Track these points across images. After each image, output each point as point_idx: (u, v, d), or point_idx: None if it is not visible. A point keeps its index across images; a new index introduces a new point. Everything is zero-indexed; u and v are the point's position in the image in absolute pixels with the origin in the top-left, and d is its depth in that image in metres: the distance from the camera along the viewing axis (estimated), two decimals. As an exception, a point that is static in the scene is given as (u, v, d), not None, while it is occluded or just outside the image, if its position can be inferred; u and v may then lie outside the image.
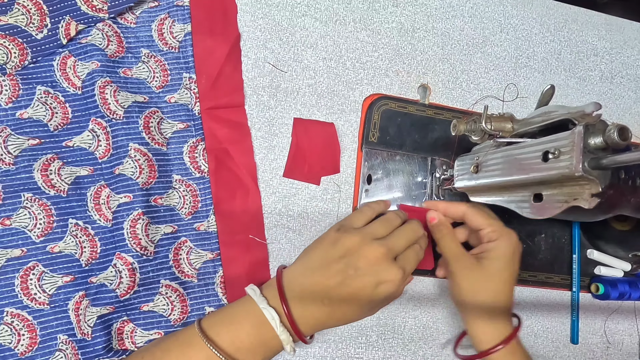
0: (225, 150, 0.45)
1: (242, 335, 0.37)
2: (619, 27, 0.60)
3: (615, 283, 0.53)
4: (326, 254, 0.39)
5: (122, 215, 0.41)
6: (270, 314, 0.37)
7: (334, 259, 0.38)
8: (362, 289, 0.38)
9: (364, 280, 0.37)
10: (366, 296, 0.38)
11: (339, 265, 0.38)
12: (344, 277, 0.37)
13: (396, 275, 0.38)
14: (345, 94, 0.50)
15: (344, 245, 0.38)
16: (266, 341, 0.37)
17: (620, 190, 0.34)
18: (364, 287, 0.38)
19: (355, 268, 0.38)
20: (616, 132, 0.31)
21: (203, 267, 0.44)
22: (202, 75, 0.45)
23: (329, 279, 0.38)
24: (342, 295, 0.38)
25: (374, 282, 0.38)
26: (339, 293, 0.38)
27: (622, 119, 0.59)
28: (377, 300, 0.39)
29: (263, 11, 0.48)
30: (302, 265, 0.40)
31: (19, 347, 0.38)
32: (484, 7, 0.55)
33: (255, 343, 0.37)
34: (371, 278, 0.37)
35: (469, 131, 0.42)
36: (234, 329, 0.37)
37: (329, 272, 0.38)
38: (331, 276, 0.38)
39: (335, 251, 0.39)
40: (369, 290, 0.38)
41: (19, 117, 0.42)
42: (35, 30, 0.42)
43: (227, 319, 0.38)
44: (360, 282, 0.37)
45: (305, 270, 0.39)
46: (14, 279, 0.39)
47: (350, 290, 0.38)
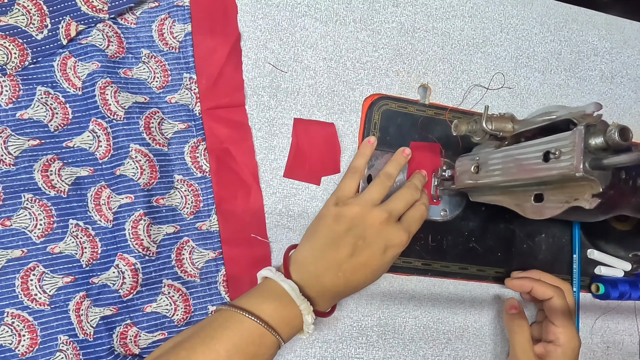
0: (226, 150, 0.45)
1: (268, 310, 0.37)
2: (619, 27, 0.60)
3: (616, 283, 0.53)
4: (332, 231, 0.40)
5: (124, 216, 0.41)
6: (290, 285, 0.38)
7: (340, 233, 0.40)
8: (372, 256, 0.40)
9: (373, 248, 0.40)
10: (376, 261, 0.40)
11: (347, 239, 0.39)
12: (354, 249, 0.39)
13: (402, 238, 0.40)
14: (345, 94, 0.50)
15: (346, 218, 0.40)
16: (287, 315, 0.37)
17: (620, 190, 0.34)
18: (373, 254, 0.40)
19: (363, 238, 0.39)
20: (617, 133, 0.31)
21: (205, 267, 0.44)
22: (202, 76, 0.45)
23: (340, 252, 0.39)
24: (355, 265, 0.39)
25: (382, 247, 0.40)
26: (352, 264, 0.39)
27: (622, 119, 0.59)
28: (387, 263, 0.41)
29: (263, 11, 0.48)
30: (310, 245, 0.41)
31: (20, 347, 0.38)
32: (484, 7, 0.55)
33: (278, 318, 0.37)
34: (379, 244, 0.40)
35: (470, 131, 0.42)
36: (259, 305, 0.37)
37: (338, 246, 0.39)
38: (341, 250, 0.39)
39: (340, 226, 0.40)
40: (378, 255, 0.40)
41: (20, 118, 0.42)
42: (35, 31, 0.42)
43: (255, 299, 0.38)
44: (369, 250, 0.40)
45: (315, 250, 0.40)
46: (14, 279, 0.39)
47: (361, 259, 0.39)
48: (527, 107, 0.55)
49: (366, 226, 0.40)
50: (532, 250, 0.52)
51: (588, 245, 0.54)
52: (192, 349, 0.34)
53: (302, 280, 0.39)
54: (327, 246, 0.40)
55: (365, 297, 0.48)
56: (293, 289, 0.38)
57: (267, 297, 0.38)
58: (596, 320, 0.54)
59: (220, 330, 0.35)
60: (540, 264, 0.52)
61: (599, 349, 0.54)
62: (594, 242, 0.54)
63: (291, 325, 0.38)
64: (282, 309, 0.37)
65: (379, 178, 0.44)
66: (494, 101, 0.54)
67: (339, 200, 0.42)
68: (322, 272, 0.39)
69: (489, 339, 0.51)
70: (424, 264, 0.49)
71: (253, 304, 0.37)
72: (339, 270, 0.39)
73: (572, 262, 0.53)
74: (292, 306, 0.37)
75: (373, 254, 0.40)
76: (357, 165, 0.45)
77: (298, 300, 0.37)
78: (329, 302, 0.41)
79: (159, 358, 0.35)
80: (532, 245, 0.53)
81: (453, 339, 0.50)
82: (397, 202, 0.42)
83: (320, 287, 0.39)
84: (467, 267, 0.50)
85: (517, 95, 0.55)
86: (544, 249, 0.53)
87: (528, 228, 0.52)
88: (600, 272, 0.54)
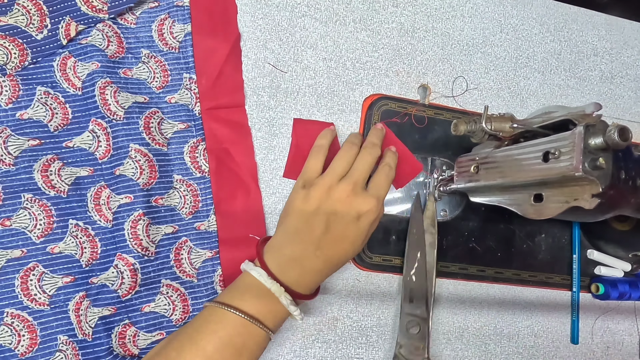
0: (225, 150, 0.45)
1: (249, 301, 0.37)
2: (619, 27, 0.60)
3: (616, 283, 0.53)
4: (302, 213, 0.40)
5: (123, 216, 0.41)
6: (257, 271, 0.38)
7: (311, 213, 0.40)
8: (346, 228, 0.40)
9: (346, 219, 0.40)
10: (352, 232, 0.40)
11: (319, 217, 0.40)
12: (327, 225, 0.39)
13: (371, 204, 0.40)
14: (345, 94, 0.50)
15: (314, 198, 0.40)
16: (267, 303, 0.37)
17: (620, 190, 0.34)
18: (347, 226, 0.40)
19: (334, 213, 0.40)
20: (616, 133, 0.31)
21: (202, 267, 0.44)
22: (202, 76, 0.45)
23: (314, 232, 0.39)
24: (331, 241, 0.39)
25: (354, 217, 0.40)
26: (327, 240, 0.39)
27: (622, 119, 0.59)
28: (363, 231, 0.41)
29: (263, 11, 0.48)
30: (284, 230, 0.41)
31: (19, 347, 0.38)
32: (484, 7, 0.55)
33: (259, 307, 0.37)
34: (351, 215, 0.40)
35: (470, 132, 0.42)
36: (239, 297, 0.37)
37: (311, 226, 0.39)
38: (315, 229, 0.39)
39: (309, 206, 0.40)
40: (352, 226, 0.40)
41: (19, 118, 0.42)
42: (35, 31, 0.42)
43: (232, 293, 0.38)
44: (342, 223, 0.40)
45: (288, 234, 0.40)
46: (14, 279, 0.39)
47: (337, 234, 0.40)
48: (527, 107, 0.55)
49: (334, 201, 0.40)
50: (532, 250, 0.52)
51: (588, 245, 0.54)
52: (180, 347, 0.35)
53: (279, 265, 0.39)
54: (300, 228, 0.40)
55: (365, 297, 0.48)
56: (260, 274, 0.38)
57: (245, 289, 0.38)
58: (596, 320, 0.54)
59: (204, 325, 0.36)
60: (540, 264, 0.52)
61: (599, 349, 0.54)
62: (594, 242, 0.54)
63: (274, 312, 0.38)
64: (261, 298, 0.37)
65: (341, 149, 0.43)
66: (493, 101, 0.54)
67: (305, 182, 0.42)
68: (300, 254, 0.39)
69: (489, 339, 0.51)
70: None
71: (233, 296, 0.37)
72: (317, 249, 0.39)
73: (572, 262, 0.53)
74: (269, 293, 0.37)
75: (347, 226, 0.40)
76: (320, 144, 0.44)
77: (267, 284, 0.37)
78: (311, 284, 0.40)
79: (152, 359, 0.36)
80: (532, 245, 0.52)
81: (453, 339, 0.50)
82: (359, 169, 0.42)
83: (300, 269, 0.39)
84: (467, 267, 0.50)
85: (517, 95, 0.55)
86: (544, 249, 0.53)
87: (528, 228, 0.52)
88: (600, 273, 0.54)
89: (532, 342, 0.52)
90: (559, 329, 0.53)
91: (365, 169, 0.42)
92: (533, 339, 0.52)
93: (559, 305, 0.54)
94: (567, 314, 0.53)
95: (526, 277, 0.52)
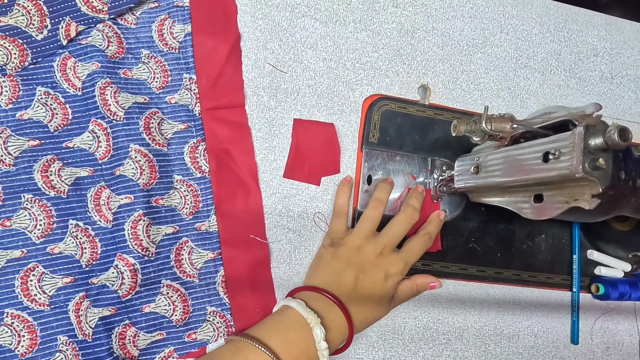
0: (226, 150, 0.45)
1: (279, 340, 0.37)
2: (619, 27, 0.60)
3: (616, 283, 0.53)
4: (332, 269, 0.41)
5: (123, 217, 0.41)
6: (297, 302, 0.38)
7: (341, 270, 0.41)
8: (374, 287, 0.41)
9: (374, 279, 0.41)
10: (379, 291, 0.41)
11: (348, 274, 0.40)
12: (356, 282, 0.40)
13: (399, 267, 0.41)
14: (345, 94, 0.50)
15: (344, 256, 0.41)
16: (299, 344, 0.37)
17: (620, 191, 0.34)
18: (375, 284, 0.41)
19: (363, 271, 0.40)
20: (616, 133, 0.31)
21: (204, 267, 0.44)
22: (202, 76, 0.45)
23: (344, 286, 0.40)
24: (359, 297, 0.40)
25: (382, 277, 0.41)
26: (356, 296, 0.40)
27: (622, 120, 0.59)
28: (389, 291, 0.42)
29: (263, 12, 0.48)
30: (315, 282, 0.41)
31: (19, 348, 0.38)
32: (484, 7, 0.55)
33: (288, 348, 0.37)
34: (379, 275, 0.41)
35: (469, 132, 0.42)
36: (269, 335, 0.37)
37: (340, 282, 0.40)
38: (345, 284, 0.40)
39: (339, 264, 0.41)
40: (380, 285, 0.41)
41: (19, 118, 0.42)
42: (35, 31, 0.42)
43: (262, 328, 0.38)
44: (370, 281, 0.41)
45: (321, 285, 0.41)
46: (14, 280, 0.39)
47: (365, 291, 0.40)
48: (527, 107, 0.55)
49: (363, 261, 0.41)
50: (532, 250, 0.52)
51: (588, 245, 0.54)
52: None
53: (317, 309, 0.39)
54: (331, 282, 0.41)
55: (365, 298, 0.48)
56: (299, 303, 0.38)
57: (278, 326, 0.38)
58: (596, 320, 0.54)
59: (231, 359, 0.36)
60: (540, 264, 0.52)
61: (599, 349, 0.54)
62: (594, 243, 0.54)
63: (303, 354, 0.37)
64: (293, 337, 0.37)
65: (368, 208, 0.44)
66: (493, 101, 0.54)
67: (333, 241, 0.43)
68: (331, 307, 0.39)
69: (489, 339, 0.51)
70: (424, 265, 0.49)
71: (264, 333, 0.37)
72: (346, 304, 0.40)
73: (572, 263, 0.53)
74: (302, 332, 0.37)
75: (374, 284, 0.41)
76: (341, 204, 0.46)
77: (304, 313, 0.37)
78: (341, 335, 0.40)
79: None
80: (532, 246, 0.52)
81: (453, 339, 0.50)
82: (391, 235, 0.42)
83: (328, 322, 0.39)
84: (467, 267, 0.50)
85: (517, 96, 0.55)
86: (544, 250, 0.53)
87: (528, 228, 0.52)
88: (600, 273, 0.54)
89: (532, 343, 0.52)
90: (559, 329, 0.53)
91: (398, 235, 0.43)
92: (533, 339, 0.52)
93: (559, 305, 0.54)
94: (567, 314, 0.53)
95: (526, 278, 0.52)
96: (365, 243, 0.41)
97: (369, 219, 0.43)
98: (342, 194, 0.46)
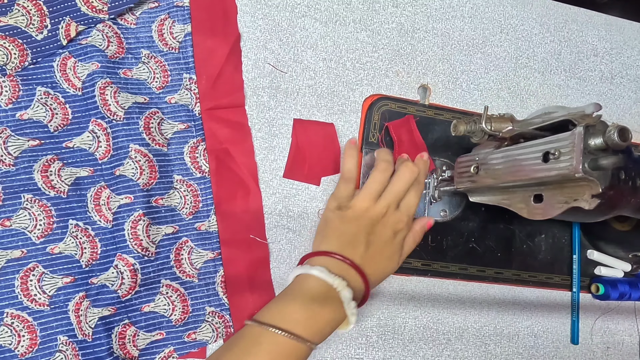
0: (226, 150, 0.45)
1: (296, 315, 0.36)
2: (619, 27, 0.60)
3: (616, 283, 0.53)
4: (343, 232, 0.41)
5: (123, 216, 0.41)
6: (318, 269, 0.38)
7: (352, 233, 0.41)
8: (385, 246, 0.41)
9: (384, 237, 0.41)
10: (389, 248, 0.42)
11: (360, 237, 0.41)
12: (368, 243, 0.41)
13: (403, 222, 0.42)
14: (345, 94, 0.50)
15: (352, 219, 0.41)
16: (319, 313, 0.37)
17: (620, 191, 0.34)
18: (386, 243, 0.42)
19: (373, 231, 0.41)
20: (616, 133, 0.31)
21: (204, 267, 0.44)
22: (202, 76, 0.45)
23: (357, 250, 0.40)
24: (370, 258, 0.41)
25: (391, 234, 0.42)
26: (367, 258, 0.40)
27: (622, 120, 0.59)
28: (398, 246, 0.42)
29: (263, 12, 0.48)
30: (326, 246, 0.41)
31: (19, 348, 0.38)
32: (484, 7, 0.55)
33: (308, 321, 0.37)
34: (388, 232, 0.41)
35: (469, 132, 0.42)
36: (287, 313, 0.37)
37: (354, 245, 0.40)
38: (358, 247, 0.40)
39: (349, 227, 0.41)
40: (389, 242, 0.42)
41: (19, 118, 0.42)
42: (35, 31, 0.42)
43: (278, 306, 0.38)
44: (382, 240, 0.41)
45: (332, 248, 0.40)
46: (14, 280, 0.39)
47: (376, 252, 0.41)
48: (526, 108, 0.55)
49: (373, 222, 0.41)
50: (531, 250, 0.52)
51: (588, 245, 0.54)
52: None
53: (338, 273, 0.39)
54: (343, 246, 0.40)
55: (365, 298, 0.48)
56: (321, 271, 0.38)
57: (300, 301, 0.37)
58: (596, 320, 0.54)
59: (254, 348, 0.35)
60: (540, 264, 0.52)
61: (599, 349, 0.54)
62: (594, 243, 0.54)
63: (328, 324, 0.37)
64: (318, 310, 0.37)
65: (376, 170, 0.43)
66: (493, 101, 0.54)
67: (340, 204, 0.42)
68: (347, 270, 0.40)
69: (489, 339, 0.51)
70: (424, 265, 0.49)
71: (281, 312, 0.37)
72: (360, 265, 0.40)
73: (572, 263, 0.53)
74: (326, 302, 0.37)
75: (385, 243, 0.41)
76: (349, 169, 0.44)
77: (329, 279, 0.37)
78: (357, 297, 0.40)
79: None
80: (531, 246, 0.52)
81: (453, 339, 0.50)
82: (394, 193, 0.42)
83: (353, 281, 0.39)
84: (467, 267, 0.50)
85: (517, 96, 0.55)
86: (544, 250, 0.53)
87: (528, 228, 0.52)
88: (600, 273, 0.54)
89: (532, 343, 0.52)
90: (559, 329, 0.53)
91: (401, 192, 0.43)
92: (533, 339, 0.52)
93: (559, 305, 0.54)
94: (567, 314, 0.53)
95: (526, 278, 0.52)
96: (373, 205, 0.42)
97: (377, 181, 0.43)
98: (350, 157, 0.44)
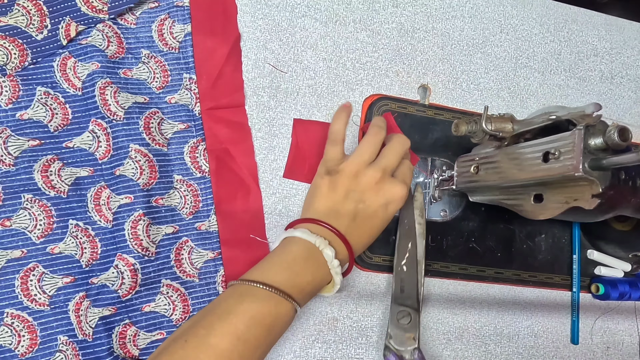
0: (226, 150, 0.45)
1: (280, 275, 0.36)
2: (619, 27, 0.60)
3: (616, 283, 0.53)
4: (330, 200, 0.40)
5: (123, 216, 0.41)
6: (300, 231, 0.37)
7: (339, 201, 0.39)
8: (375, 214, 0.39)
9: (375, 207, 0.39)
10: (379, 219, 0.40)
11: (347, 205, 0.39)
12: (356, 213, 0.39)
13: (401, 192, 0.40)
14: (345, 94, 0.50)
15: (342, 185, 0.39)
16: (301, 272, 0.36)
17: (620, 191, 0.34)
18: (376, 212, 0.39)
19: (362, 201, 0.39)
20: (616, 133, 0.31)
21: (204, 267, 0.44)
22: (202, 76, 0.45)
23: (343, 220, 0.39)
24: (356, 227, 0.39)
25: (383, 204, 0.39)
26: (354, 227, 0.39)
27: (622, 120, 0.59)
28: (388, 218, 0.41)
29: (263, 12, 0.48)
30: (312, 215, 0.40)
31: (19, 348, 0.38)
32: (484, 7, 0.55)
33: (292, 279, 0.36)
34: (380, 202, 0.39)
35: (470, 132, 0.42)
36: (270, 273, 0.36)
37: (340, 215, 0.39)
38: (343, 218, 0.39)
39: (337, 194, 0.39)
40: (381, 213, 0.39)
41: (19, 118, 0.42)
42: (35, 31, 0.42)
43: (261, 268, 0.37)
44: (371, 209, 0.39)
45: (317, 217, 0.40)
46: (14, 280, 0.39)
47: (365, 221, 0.39)
48: (527, 108, 0.55)
49: (363, 189, 0.39)
50: (532, 250, 0.52)
51: (588, 245, 0.54)
52: (210, 326, 0.34)
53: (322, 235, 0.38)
54: (330, 214, 0.39)
55: (365, 298, 0.48)
56: (303, 232, 0.37)
57: (283, 262, 0.37)
58: (596, 320, 0.54)
59: (236, 305, 0.34)
60: (540, 264, 0.52)
61: (599, 349, 0.54)
62: (594, 243, 0.54)
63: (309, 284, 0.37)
64: (299, 270, 0.36)
65: (368, 133, 0.41)
66: (493, 101, 0.54)
67: (329, 169, 0.41)
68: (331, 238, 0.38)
69: (489, 339, 0.51)
70: (424, 265, 0.49)
71: (264, 271, 0.36)
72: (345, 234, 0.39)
73: (572, 263, 0.53)
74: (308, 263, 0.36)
75: (376, 212, 0.39)
76: (337, 130, 0.41)
77: (311, 238, 0.36)
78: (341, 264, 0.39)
79: (177, 338, 0.34)
80: (532, 246, 0.52)
81: (453, 339, 0.50)
82: (389, 157, 0.40)
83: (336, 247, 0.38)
84: (467, 267, 0.50)
85: (517, 96, 0.55)
86: (544, 250, 0.53)
87: (528, 228, 0.52)
88: (600, 273, 0.54)
89: (532, 342, 0.52)
90: (559, 329, 0.53)
91: (394, 160, 0.40)
92: (533, 339, 0.52)
93: (559, 305, 0.54)
94: (567, 314, 0.53)
95: (526, 278, 0.52)
96: (364, 170, 0.39)
97: (370, 143, 0.40)
98: (339, 119, 0.41)
